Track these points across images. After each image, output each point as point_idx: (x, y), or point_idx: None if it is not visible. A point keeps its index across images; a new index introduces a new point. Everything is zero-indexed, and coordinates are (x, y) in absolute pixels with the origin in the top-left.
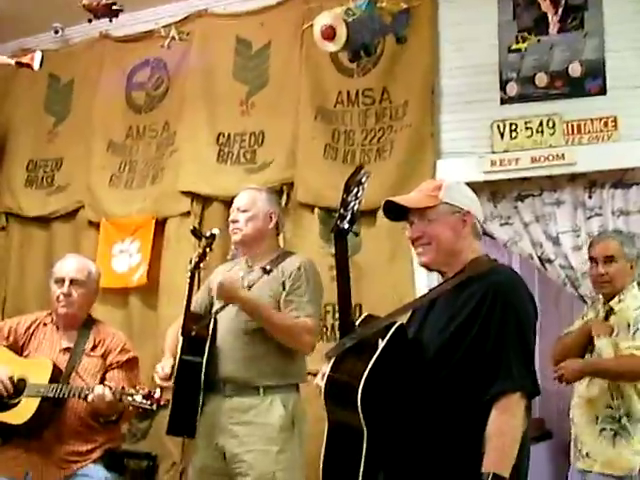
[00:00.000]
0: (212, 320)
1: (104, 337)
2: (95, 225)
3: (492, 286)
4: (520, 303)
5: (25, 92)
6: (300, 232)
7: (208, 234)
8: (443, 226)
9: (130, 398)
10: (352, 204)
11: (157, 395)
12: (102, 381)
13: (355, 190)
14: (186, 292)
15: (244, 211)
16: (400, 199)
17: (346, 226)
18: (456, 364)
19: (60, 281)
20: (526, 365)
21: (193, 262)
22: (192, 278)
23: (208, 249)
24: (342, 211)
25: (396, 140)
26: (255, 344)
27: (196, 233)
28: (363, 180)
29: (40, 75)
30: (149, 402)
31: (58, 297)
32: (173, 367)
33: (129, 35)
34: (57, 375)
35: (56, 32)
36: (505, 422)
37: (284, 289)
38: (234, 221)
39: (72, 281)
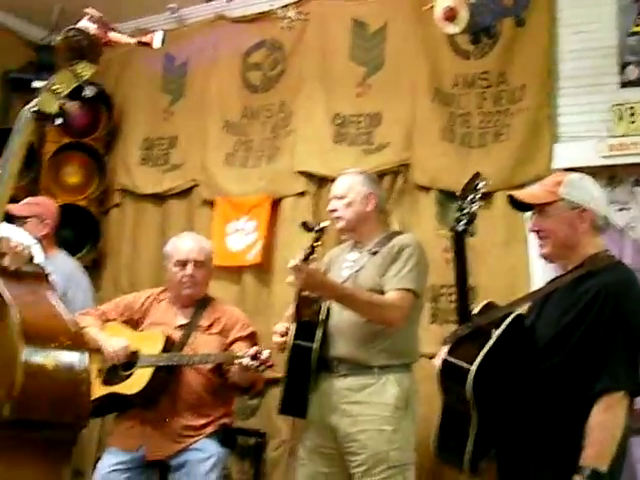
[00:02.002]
0: (325, 302)
1: (220, 315)
2: (209, 203)
3: (605, 285)
4: (631, 303)
5: (141, 72)
6: (416, 214)
7: (317, 227)
8: (559, 222)
9: (239, 360)
10: (468, 209)
11: (264, 356)
12: None
13: (471, 196)
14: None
15: (341, 197)
16: (521, 194)
17: (461, 228)
18: (564, 358)
19: (182, 263)
20: (631, 365)
21: (303, 256)
22: None
23: (318, 242)
24: (459, 215)
25: (513, 124)
26: (369, 324)
27: (306, 226)
28: (479, 187)
29: (156, 55)
30: (257, 363)
31: (181, 279)
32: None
33: (245, 16)
34: (170, 346)
35: (172, 12)
36: (606, 419)
37: (387, 266)
38: (333, 210)
39: (194, 263)
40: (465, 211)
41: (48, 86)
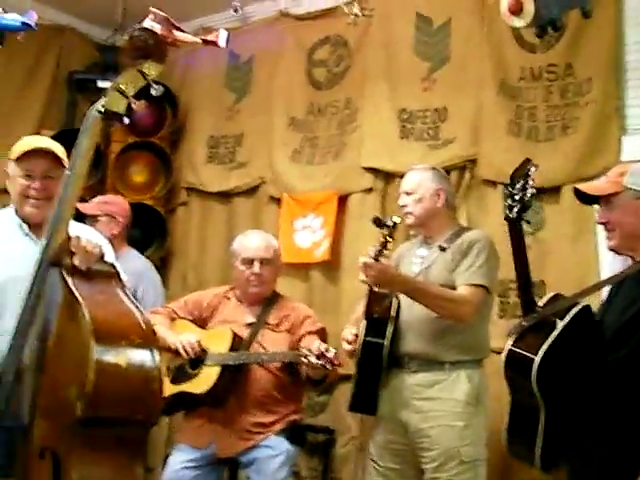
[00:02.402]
0: (395, 298)
1: (288, 313)
2: (276, 201)
3: None
4: None
5: (205, 70)
6: (483, 209)
7: (389, 223)
8: (626, 212)
9: (304, 359)
10: (519, 195)
11: (331, 355)
12: None
13: (522, 182)
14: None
15: (410, 193)
16: (585, 187)
17: (514, 215)
18: (631, 349)
19: (248, 262)
20: None
21: (374, 252)
22: None
23: (389, 238)
24: (510, 202)
25: (580, 117)
26: (440, 319)
27: (378, 222)
28: (530, 173)
29: (220, 53)
30: (322, 361)
31: (248, 277)
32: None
33: (309, 13)
34: (237, 344)
35: (235, 11)
36: None
37: (457, 262)
38: (403, 206)
39: (261, 261)
40: (517, 198)
41: (115, 86)
